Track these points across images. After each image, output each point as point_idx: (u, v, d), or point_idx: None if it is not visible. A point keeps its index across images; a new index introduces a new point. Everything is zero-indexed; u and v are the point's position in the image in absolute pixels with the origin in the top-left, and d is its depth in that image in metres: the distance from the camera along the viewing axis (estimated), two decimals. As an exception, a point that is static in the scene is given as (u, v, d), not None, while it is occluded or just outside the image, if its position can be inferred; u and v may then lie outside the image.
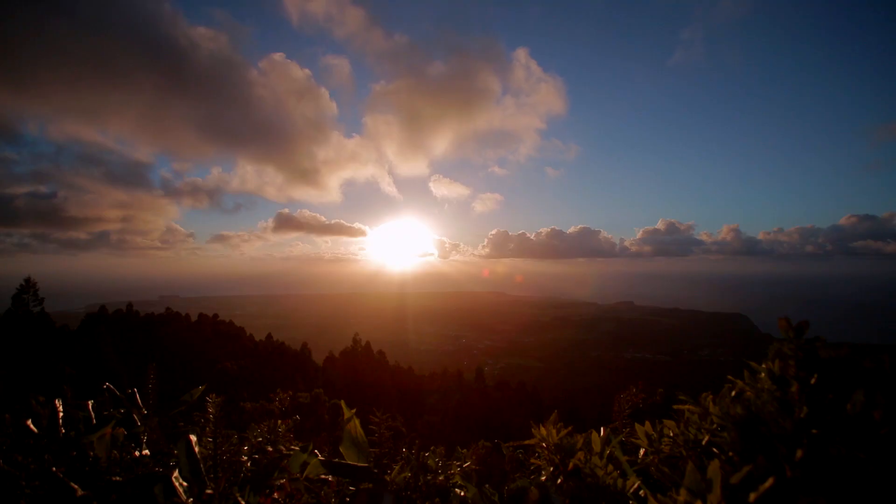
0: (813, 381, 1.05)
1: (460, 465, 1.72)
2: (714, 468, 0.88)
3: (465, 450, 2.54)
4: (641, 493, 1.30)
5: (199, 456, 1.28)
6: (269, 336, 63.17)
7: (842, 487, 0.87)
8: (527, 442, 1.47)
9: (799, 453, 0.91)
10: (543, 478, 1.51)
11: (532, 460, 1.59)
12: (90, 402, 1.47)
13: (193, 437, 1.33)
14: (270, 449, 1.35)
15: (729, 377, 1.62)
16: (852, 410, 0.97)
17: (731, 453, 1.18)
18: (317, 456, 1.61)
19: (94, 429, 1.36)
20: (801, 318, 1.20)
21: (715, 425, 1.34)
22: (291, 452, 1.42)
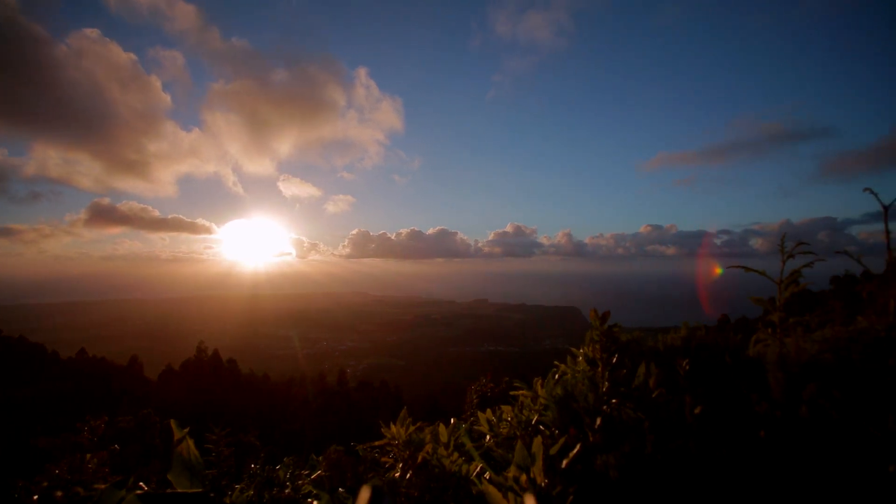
0: (614, 360, 1.27)
1: (309, 474, 1.64)
2: (537, 443, 1.01)
3: (319, 456, 2.44)
4: (487, 475, 1.42)
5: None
6: (83, 351, 51.79)
7: (627, 443, 1.08)
8: (378, 443, 1.48)
9: (598, 421, 1.09)
10: (397, 474, 1.53)
11: (383, 459, 1.61)
12: None
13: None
14: (60, 494, 1.08)
15: (555, 363, 1.87)
16: (637, 381, 1.21)
17: (553, 428, 1.37)
18: (141, 489, 1.38)
19: None
20: (606, 309, 1.45)
21: (542, 406, 1.54)
22: (93, 492, 1.17)
